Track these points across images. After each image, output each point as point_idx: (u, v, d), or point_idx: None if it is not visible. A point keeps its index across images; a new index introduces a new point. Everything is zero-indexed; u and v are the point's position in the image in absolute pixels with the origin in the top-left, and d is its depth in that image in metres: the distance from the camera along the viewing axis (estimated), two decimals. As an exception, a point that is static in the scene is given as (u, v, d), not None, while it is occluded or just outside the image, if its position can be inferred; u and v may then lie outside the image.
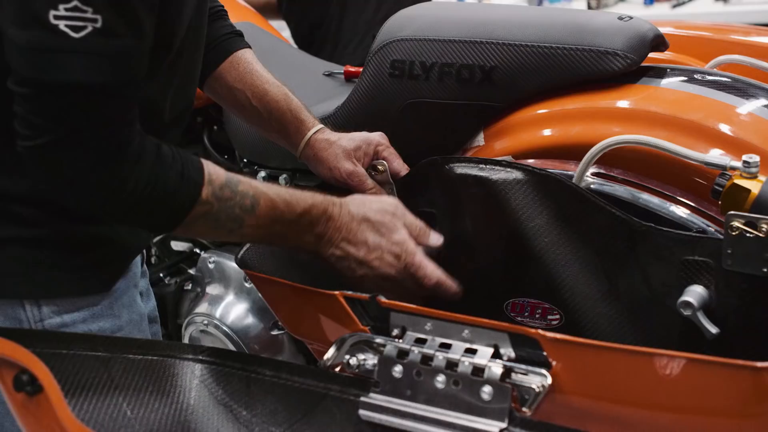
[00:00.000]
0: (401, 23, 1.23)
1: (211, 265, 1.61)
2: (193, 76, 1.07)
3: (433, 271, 1.02)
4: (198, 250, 1.75)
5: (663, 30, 1.39)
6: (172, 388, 0.94)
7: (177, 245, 1.82)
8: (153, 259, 1.88)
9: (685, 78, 1.10)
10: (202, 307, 1.58)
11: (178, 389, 0.95)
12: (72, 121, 0.82)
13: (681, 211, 0.98)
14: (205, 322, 1.55)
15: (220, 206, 0.93)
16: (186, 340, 1.60)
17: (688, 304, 0.89)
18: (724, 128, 0.99)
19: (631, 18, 1.12)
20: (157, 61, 0.94)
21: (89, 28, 0.79)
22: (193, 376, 0.96)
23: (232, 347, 1.52)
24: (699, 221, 0.97)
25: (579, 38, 1.09)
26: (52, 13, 0.78)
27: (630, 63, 1.07)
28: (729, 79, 1.10)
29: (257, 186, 0.97)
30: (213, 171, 0.93)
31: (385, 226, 1.02)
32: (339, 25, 2.28)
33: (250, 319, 1.53)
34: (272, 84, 1.22)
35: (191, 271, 1.69)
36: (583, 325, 1.01)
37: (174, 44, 0.95)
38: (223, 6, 1.26)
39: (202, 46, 1.07)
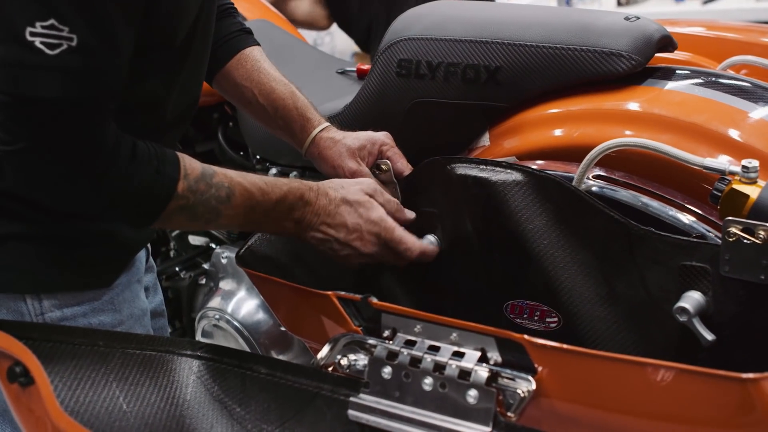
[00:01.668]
0: (409, 22, 1.23)
1: (224, 260, 1.63)
2: (199, 73, 1.08)
3: (413, 243, 1.06)
4: (214, 245, 1.77)
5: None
6: (169, 383, 0.96)
7: (195, 239, 1.84)
8: (172, 253, 1.90)
9: (692, 80, 1.08)
10: (215, 302, 1.60)
11: (174, 384, 0.96)
12: (46, 130, 0.84)
13: (681, 216, 0.97)
14: (217, 316, 1.57)
15: (196, 199, 0.94)
16: (198, 334, 1.62)
17: (684, 310, 0.88)
18: (727, 132, 0.97)
19: (637, 18, 1.10)
20: (158, 58, 0.95)
21: (64, 46, 0.81)
22: (190, 371, 0.97)
23: (242, 342, 1.54)
24: (699, 226, 0.95)
25: (584, 39, 1.08)
26: (29, 29, 0.79)
27: (635, 64, 1.06)
28: (737, 81, 1.09)
29: (232, 176, 0.98)
30: (189, 165, 0.95)
31: (363, 206, 1.04)
32: (387, 24, 2.33)
33: (260, 315, 1.55)
34: (279, 82, 1.22)
35: (205, 266, 1.71)
36: (581, 328, 1.00)
37: (175, 42, 0.96)
38: (232, 3, 1.27)
39: (209, 44, 1.07)
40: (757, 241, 0.83)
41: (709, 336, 0.87)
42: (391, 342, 0.87)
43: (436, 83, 1.18)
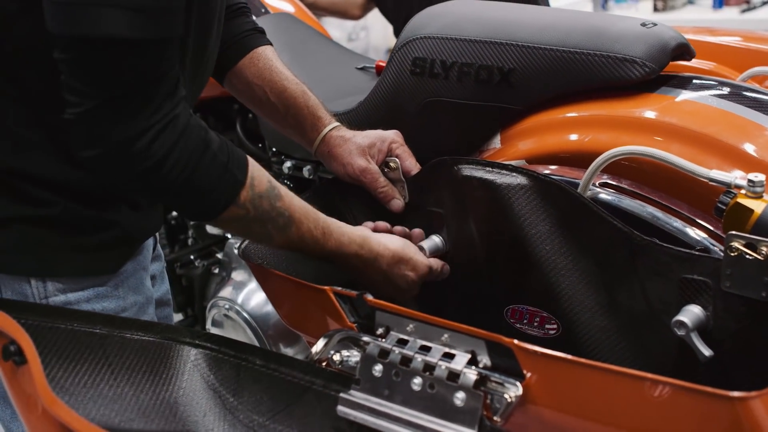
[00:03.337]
0: (425, 21, 1.23)
1: (237, 251, 1.63)
2: (202, 70, 1.07)
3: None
4: (229, 236, 1.78)
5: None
6: (165, 369, 0.96)
7: (212, 229, 1.85)
8: (189, 241, 1.92)
9: (708, 90, 1.06)
10: (226, 292, 1.61)
11: (171, 371, 0.97)
12: (112, 81, 0.82)
13: (685, 227, 0.95)
14: (227, 306, 1.58)
15: (254, 216, 0.93)
16: (209, 323, 1.63)
17: (682, 324, 0.87)
18: (739, 144, 0.95)
19: (654, 25, 1.08)
20: None
21: None
22: (187, 359, 0.98)
23: (250, 334, 1.55)
24: (703, 239, 0.94)
25: (598, 44, 1.06)
26: None
27: (648, 71, 1.04)
28: (756, 94, 1.06)
29: (296, 209, 0.97)
30: (257, 175, 0.93)
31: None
32: None
33: (269, 307, 1.55)
34: (291, 81, 1.22)
35: (219, 255, 1.72)
36: (580, 336, 0.99)
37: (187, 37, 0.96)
38: (246, 3, 1.27)
39: (210, 40, 1.06)
40: (759, 258, 0.81)
41: (706, 351, 0.86)
42: (383, 340, 0.87)
43: (450, 83, 1.18)
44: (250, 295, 1.58)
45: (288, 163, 1.52)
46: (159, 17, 0.82)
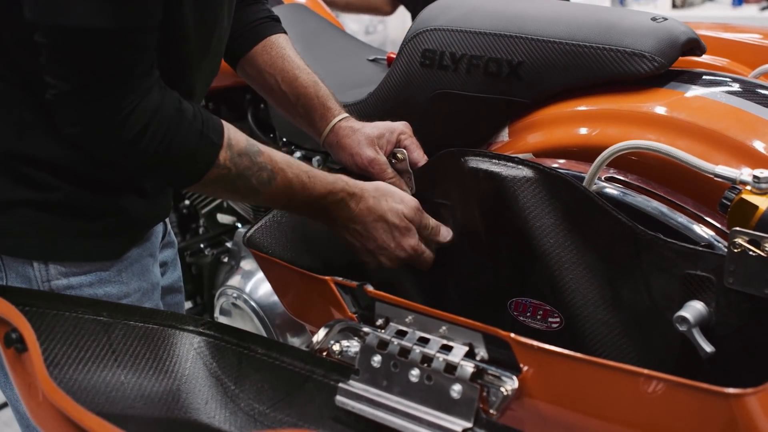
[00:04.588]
0: (436, 13, 1.23)
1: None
2: (211, 57, 1.07)
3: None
4: (239, 225, 1.79)
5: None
6: (169, 357, 0.97)
7: (223, 218, 1.86)
8: (201, 230, 1.93)
9: (717, 86, 1.05)
10: (234, 280, 1.62)
11: (174, 359, 0.97)
12: (85, 68, 0.85)
13: (690, 223, 0.94)
14: (235, 295, 1.59)
15: (237, 173, 0.96)
16: (217, 311, 1.64)
17: (684, 320, 0.86)
18: (747, 141, 0.95)
19: (665, 19, 1.07)
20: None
21: None
22: (190, 347, 0.99)
23: (258, 322, 1.56)
24: (708, 234, 0.93)
25: (607, 38, 1.05)
26: None
27: (657, 66, 1.03)
28: (766, 90, 1.05)
29: (277, 161, 0.99)
30: (233, 136, 0.96)
31: (399, 230, 1.05)
32: None
33: (276, 297, 1.56)
34: (303, 70, 1.22)
35: (229, 244, 1.72)
36: (582, 330, 0.98)
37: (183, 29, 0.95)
38: None
39: (217, 26, 1.06)
40: (763, 254, 0.81)
41: (708, 347, 0.85)
42: (383, 331, 0.87)
43: (459, 75, 1.17)
44: (258, 285, 1.59)
45: (298, 154, 1.53)
46: (128, 7, 0.83)
